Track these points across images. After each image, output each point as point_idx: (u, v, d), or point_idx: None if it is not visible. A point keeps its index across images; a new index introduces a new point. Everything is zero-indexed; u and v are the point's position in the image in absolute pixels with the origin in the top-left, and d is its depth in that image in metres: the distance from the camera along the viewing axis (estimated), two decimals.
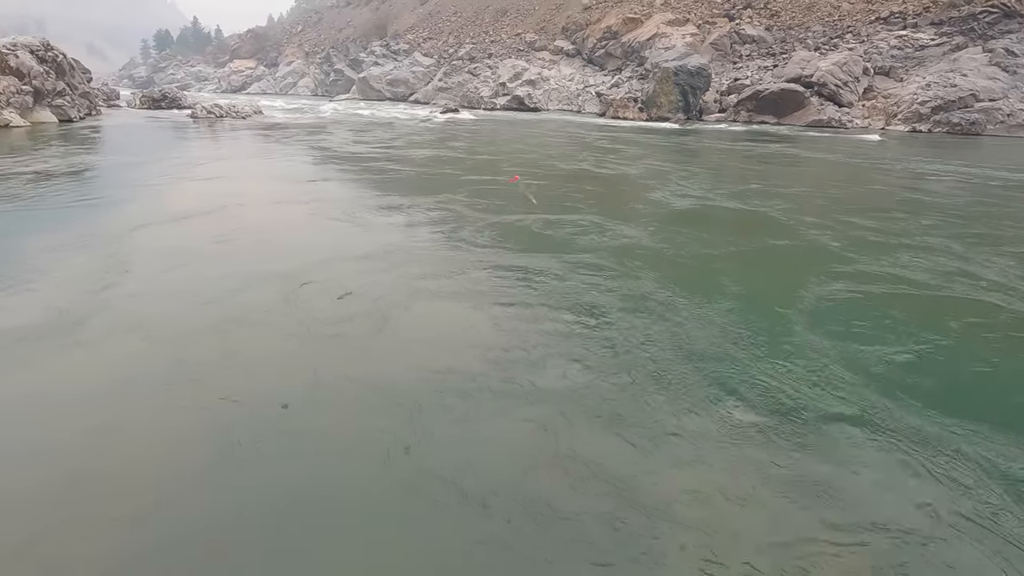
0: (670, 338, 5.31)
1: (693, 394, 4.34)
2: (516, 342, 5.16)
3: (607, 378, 4.55)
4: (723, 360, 4.85)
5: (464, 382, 4.44)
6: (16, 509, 3.07)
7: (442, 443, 3.71)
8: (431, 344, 5.15)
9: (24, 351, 4.70)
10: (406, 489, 3.28)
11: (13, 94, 22.82)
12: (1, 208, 9.51)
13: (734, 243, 8.77)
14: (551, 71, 54.14)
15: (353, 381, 4.43)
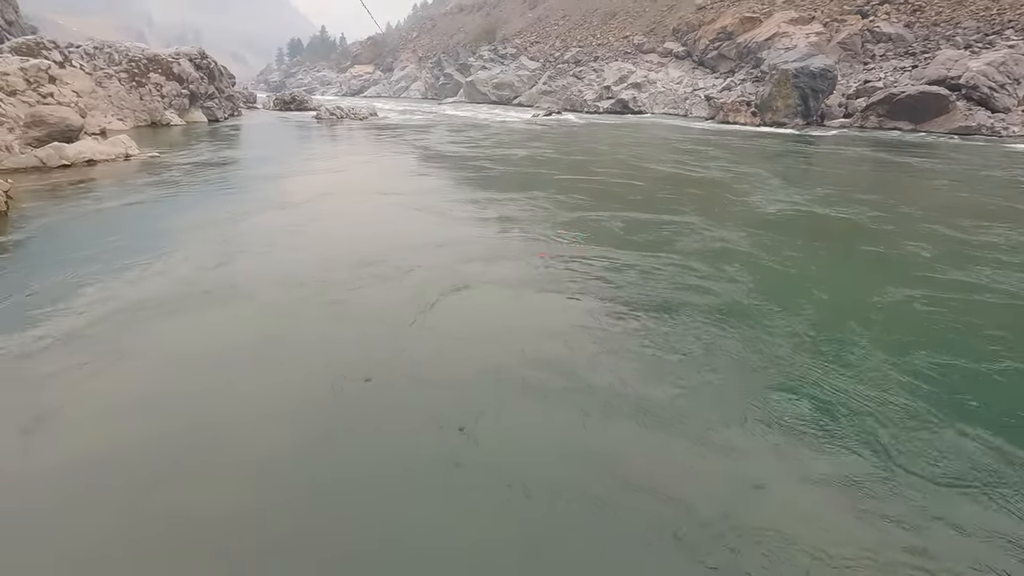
0: (743, 343, 5.15)
1: (751, 404, 4.17)
2: (585, 336, 5.24)
3: (670, 379, 4.51)
4: (793, 374, 4.58)
5: (527, 371, 4.58)
6: (141, 454, 3.57)
7: (497, 427, 3.87)
8: (501, 332, 5.37)
9: (162, 314, 5.50)
10: (456, 466, 3.47)
11: (174, 97, 26.13)
12: (161, 192, 11.17)
13: (839, 259, 8.09)
14: (658, 74, 52.70)
15: (426, 362, 4.74)
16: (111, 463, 3.47)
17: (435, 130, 28.02)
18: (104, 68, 24.37)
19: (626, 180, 14.28)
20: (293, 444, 3.70)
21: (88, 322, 5.31)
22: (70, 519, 3.04)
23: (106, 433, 3.77)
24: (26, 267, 6.77)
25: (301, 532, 2.98)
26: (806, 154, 22.57)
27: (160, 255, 7.27)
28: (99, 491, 3.24)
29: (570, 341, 5.17)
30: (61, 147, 13.48)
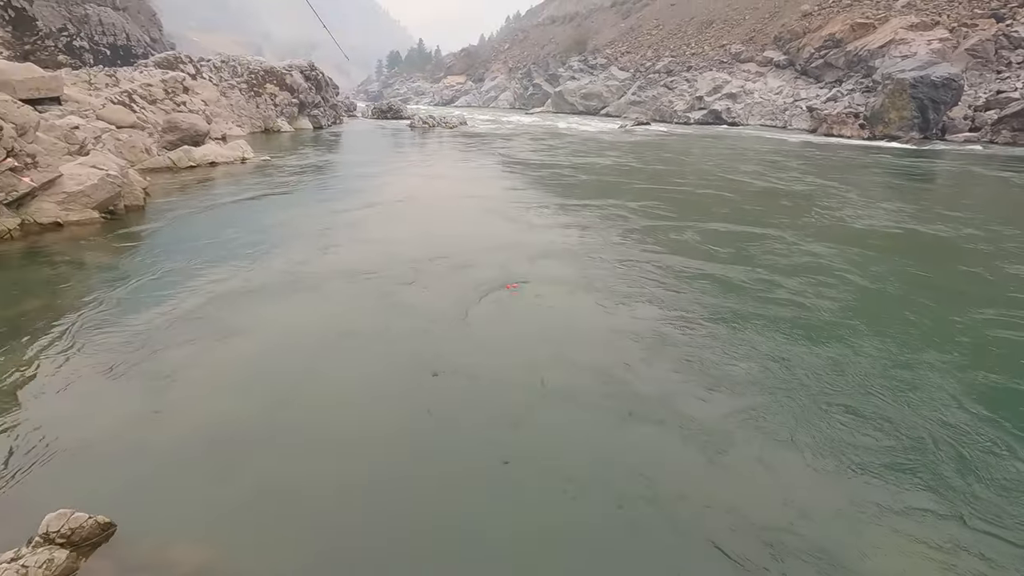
0: (815, 361, 4.91)
1: (809, 424, 3.97)
2: (649, 343, 5.22)
3: (732, 391, 4.39)
4: (862, 398, 4.19)
5: (583, 377, 4.60)
6: (239, 426, 3.92)
7: (549, 429, 3.93)
8: (565, 335, 5.47)
9: (263, 299, 6.06)
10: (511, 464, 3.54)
11: (285, 106, 28.42)
12: (270, 191, 12.24)
13: (937, 283, 7.32)
14: (756, 84, 50.39)
15: (489, 359, 4.95)
16: (216, 431, 3.87)
17: (520, 139, 28.49)
18: (228, 80, 27.01)
19: (712, 191, 13.82)
20: (370, 429, 3.98)
21: (201, 303, 5.96)
22: (185, 481, 3.42)
23: (213, 404, 4.21)
24: (154, 254, 7.68)
25: (374, 511, 3.18)
26: (920, 170, 20.66)
27: (265, 246, 8.08)
28: (209, 456, 3.62)
29: (632, 347, 5.17)
30: (190, 150, 15.09)
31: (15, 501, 3.18)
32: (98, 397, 4.27)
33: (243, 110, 26.24)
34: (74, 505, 2.88)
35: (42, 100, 13.01)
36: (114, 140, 13.44)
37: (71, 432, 3.81)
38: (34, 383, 4.40)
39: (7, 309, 5.71)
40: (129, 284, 6.47)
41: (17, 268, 7.05)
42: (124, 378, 4.51)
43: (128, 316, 5.59)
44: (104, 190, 8.92)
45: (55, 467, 3.48)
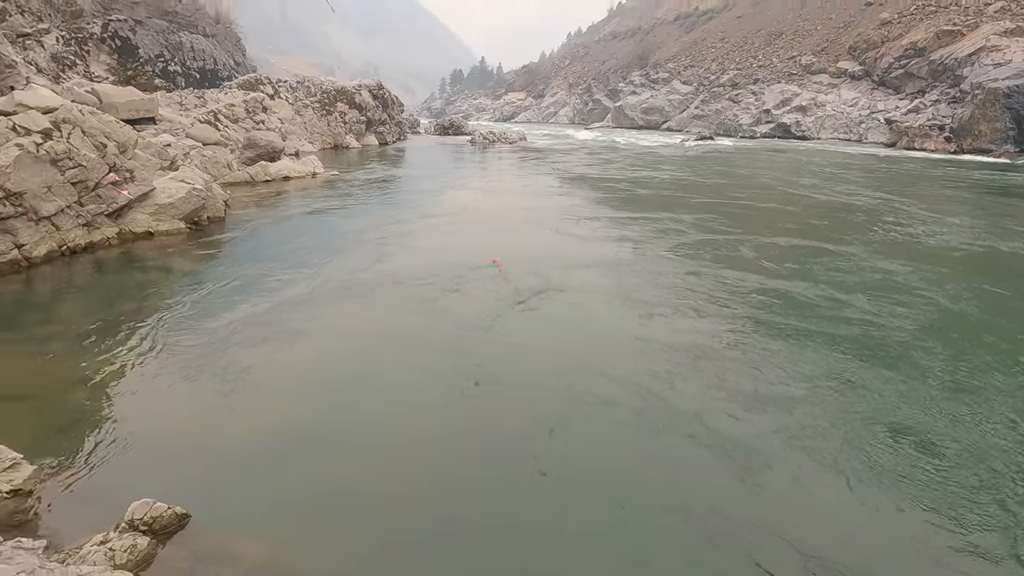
0: (872, 382, 4.62)
1: (855, 447, 3.72)
2: (698, 356, 5.08)
3: (783, 408, 4.10)
4: (919, 422, 3.77)
5: (626, 389, 4.49)
6: (300, 425, 4.07)
7: (588, 441, 3.83)
8: (606, 344, 5.44)
9: (327, 304, 6.32)
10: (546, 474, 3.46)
11: (354, 123, 29.76)
12: (338, 204, 12.82)
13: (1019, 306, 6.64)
14: (828, 95, 48.23)
15: (532, 368, 4.96)
16: (279, 429, 4.07)
17: (578, 153, 28.50)
18: (303, 99, 28.62)
19: (776, 205, 13.32)
20: (415, 433, 4.12)
21: (269, 307, 6.33)
22: (251, 477, 3.60)
23: (277, 404, 4.44)
24: (231, 261, 8.21)
25: (421, 512, 3.23)
26: (1015, 185, 19.03)
27: (331, 255, 8.55)
28: (272, 454, 3.80)
29: (671, 360, 5.10)
30: (266, 165, 16.06)
31: (103, 488, 3.45)
32: (177, 393, 4.58)
33: (315, 127, 27.68)
34: (154, 495, 3.09)
35: (140, 120, 14.25)
36: (200, 156, 14.50)
37: (153, 426, 4.11)
38: (123, 379, 4.77)
39: (104, 310, 6.24)
40: (208, 289, 6.93)
41: (114, 272, 7.71)
42: (200, 376, 4.82)
43: (206, 318, 5.99)
44: (190, 202, 9.63)
45: (138, 458, 3.75)
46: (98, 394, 4.53)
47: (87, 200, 8.29)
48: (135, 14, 29.32)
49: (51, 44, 21.44)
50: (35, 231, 7.55)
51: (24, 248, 7.39)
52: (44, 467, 3.53)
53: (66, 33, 23.56)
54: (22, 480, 3.23)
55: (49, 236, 7.70)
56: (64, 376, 4.80)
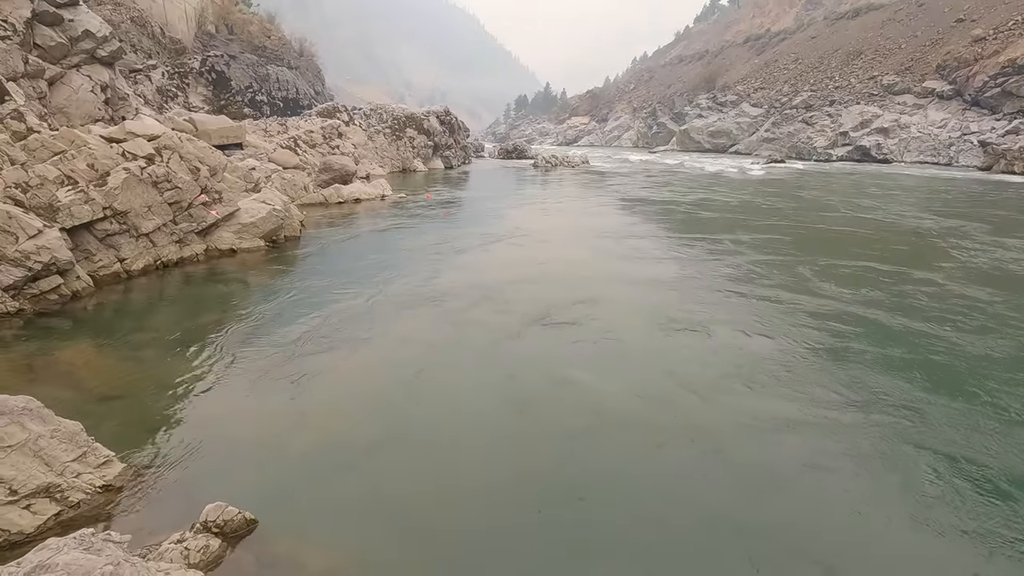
0: (937, 415, 4.15)
1: (901, 482, 3.15)
2: (752, 379, 4.65)
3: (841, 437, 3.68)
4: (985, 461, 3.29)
5: (651, 404, 4.24)
6: (364, 433, 4.16)
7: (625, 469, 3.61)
8: (647, 360, 5.30)
9: (388, 316, 6.47)
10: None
11: (422, 148, 30.88)
12: (404, 223, 13.27)
13: None
14: (913, 117, 45.43)
15: (580, 381, 4.93)
16: (343, 437, 4.21)
17: (641, 177, 28.20)
18: (375, 125, 30.07)
19: (851, 229, 12.56)
20: (474, 441, 4.17)
21: (336, 318, 6.65)
22: (317, 484, 3.72)
23: (341, 412, 4.60)
24: (304, 277, 8.67)
25: (475, 523, 3.21)
26: None
27: (393, 270, 9.02)
28: (336, 462, 3.92)
29: (711, 377, 4.90)
30: (339, 188, 16.91)
31: (182, 488, 3.66)
32: (249, 400, 4.84)
33: (385, 152, 28.95)
34: (227, 498, 3.25)
35: (229, 145, 15.43)
36: (280, 179, 15.48)
37: (228, 431, 4.35)
38: (203, 385, 5.10)
39: (190, 320, 6.72)
40: (281, 302, 7.35)
41: (200, 285, 8.30)
42: (271, 384, 5.08)
43: (278, 329, 6.34)
44: (270, 222, 10.26)
45: (213, 461, 3.97)
46: (181, 399, 4.86)
47: (180, 219, 9.01)
48: (230, 50, 32.01)
49: (157, 78, 23.74)
50: (135, 246, 8.28)
51: (125, 262, 8.11)
52: (131, 465, 3.80)
53: (170, 68, 26.04)
54: (113, 477, 3.50)
55: (147, 251, 8.42)
56: (153, 380, 5.19)
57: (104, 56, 10.77)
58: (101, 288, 7.64)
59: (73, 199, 7.48)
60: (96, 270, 7.70)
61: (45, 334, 6.21)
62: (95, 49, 10.57)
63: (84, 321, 6.68)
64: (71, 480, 3.24)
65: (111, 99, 10.88)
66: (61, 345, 5.95)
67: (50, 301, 6.79)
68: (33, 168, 7.40)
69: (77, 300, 7.14)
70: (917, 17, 58.16)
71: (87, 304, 7.14)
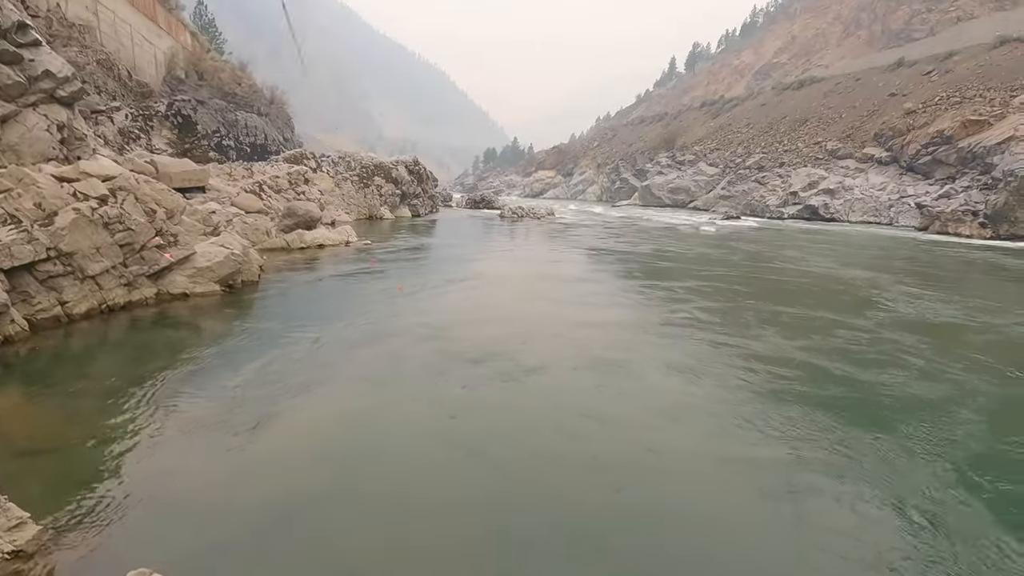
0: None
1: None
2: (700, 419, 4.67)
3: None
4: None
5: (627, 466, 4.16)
6: (327, 476, 3.95)
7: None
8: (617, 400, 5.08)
9: (347, 354, 6.26)
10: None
11: (389, 196, 31.08)
12: (366, 269, 13.09)
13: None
14: (855, 180, 48.62)
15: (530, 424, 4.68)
16: (286, 499, 3.97)
17: (604, 229, 28.97)
18: (343, 172, 30.21)
19: (797, 280, 13.07)
20: (425, 497, 3.88)
21: (287, 365, 6.35)
22: (253, 552, 3.48)
23: (284, 471, 4.34)
24: (258, 323, 8.38)
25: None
26: None
27: (347, 315, 8.93)
28: (277, 527, 3.68)
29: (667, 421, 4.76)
30: (302, 233, 16.74)
31: (104, 552, 3.37)
32: (187, 453, 4.56)
33: (352, 199, 28.99)
34: (153, 563, 2.99)
35: (191, 188, 15.18)
36: (242, 223, 15.24)
37: (162, 488, 4.06)
38: (140, 437, 4.79)
39: (131, 367, 6.38)
40: (231, 348, 7.07)
41: (148, 331, 7.93)
42: (212, 435, 4.82)
43: (225, 376, 6.07)
44: (227, 266, 10.01)
45: (142, 522, 3.68)
46: (114, 452, 4.54)
47: (131, 261, 8.70)
48: (199, 95, 32.01)
49: (120, 120, 23.42)
50: (79, 289, 7.91)
51: (67, 305, 7.71)
52: (49, 527, 3.48)
53: (135, 110, 25.78)
54: (25, 541, 3.19)
55: (92, 294, 8.04)
56: (84, 432, 4.84)
57: (64, 96, 10.60)
58: (37, 332, 7.21)
59: (15, 238, 7.15)
60: (34, 313, 7.29)
61: None
62: (55, 89, 10.40)
63: (14, 367, 6.25)
64: None
65: (67, 139, 10.64)
66: None
67: None
68: None
69: (9, 345, 6.70)
70: (855, 90, 63.21)
71: (20, 349, 6.71)
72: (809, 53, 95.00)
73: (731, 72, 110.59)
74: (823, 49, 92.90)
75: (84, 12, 24.00)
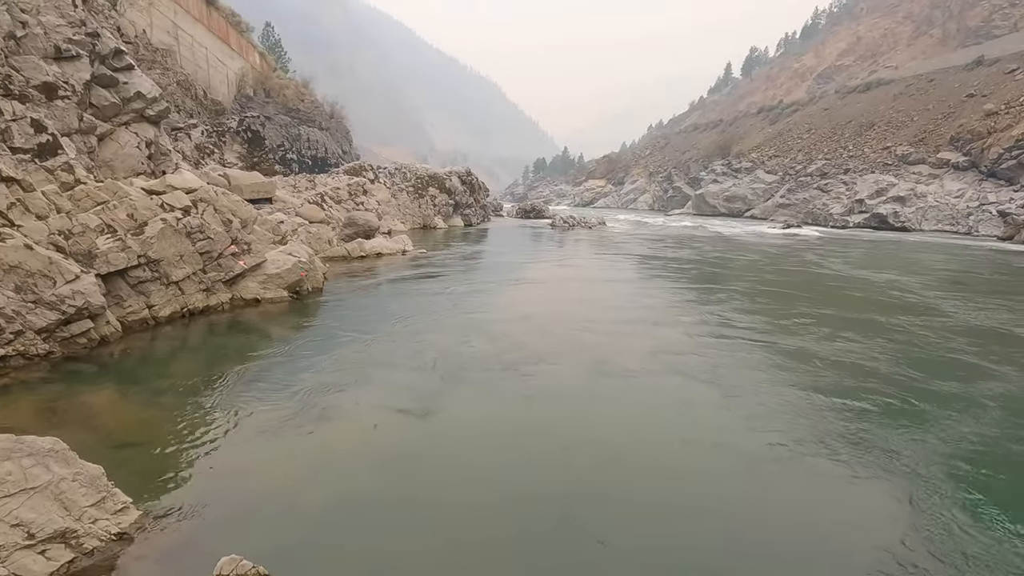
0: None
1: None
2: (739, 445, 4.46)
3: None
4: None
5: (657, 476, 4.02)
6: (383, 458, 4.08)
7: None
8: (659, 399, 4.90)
9: (401, 364, 6.44)
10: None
11: (443, 206, 31.74)
12: (423, 276, 13.44)
13: None
14: (929, 186, 45.78)
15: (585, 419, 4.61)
16: (353, 493, 4.13)
17: (656, 238, 28.48)
18: (399, 184, 31.12)
19: (879, 298, 12.39)
20: (489, 495, 3.94)
21: (353, 370, 6.60)
22: (328, 542, 3.64)
23: (352, 469, 4.52)
24: (325, 327, 8.78)
25: None
26: None
27: (406, 317, 9.40)
28: (351, 519, 3.84)
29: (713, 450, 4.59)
30: (362, 242, 17.34)
31: (193, 541, 3.60)
32: (261, 452, 4.82)
33: (407, 209, 29.79)
34: (238, 553, 3.18)
35: (260, 200, 16.04)
36: (306, 232, 15.95)
37: (242, 482, 4.30)
38: (214, 435, 5.09)
39: (210, 369, 6.80)
40: (300, 353, 7.41)
41: (223, 335, 8.43)
42: (283, 437, 5.07)
43: (295, 380, 6.36)
44: (294, 273, 10.51)
45: (227, 513, 3.91)
46: (196, 448, 4.85)
47: (210, 268, 9.28)
48: (266, 111, 33.85)
49: (197, 136, 25.06)
50: (164, 294, 8.50)
51: (154, 308, 8.31)
52: (146, 513, 3.76)
53: (209, 127, 27.54)
54: (128, 524, 3.46)
55: (175, 299, 8.63)
56: (170, 428, 5.20)
57: (152, 115, 11.48)
58: (128, 334, 7.80)
59: (111, 246, 7.78)
60: (125, 315, 7.90)
61: (71, 377, 6.31)
62: (144, 109, 11.29)
63: (109, 366, 6.79)
64: (87, 526, 3.22)
65: (154, 154, 11.51)
66: (85, 389, 6.03)
67: (79, 345, 6.93)
68: (77, 217, 7.76)
69: (105, 345, 7.28)
70: (928, 92, 59.74)
71: (114, 350, 7.28)
72: (876, 54, 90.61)
73: (791, 76, 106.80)
74: (891, 50, 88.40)
75: (166, 37, 25.93)
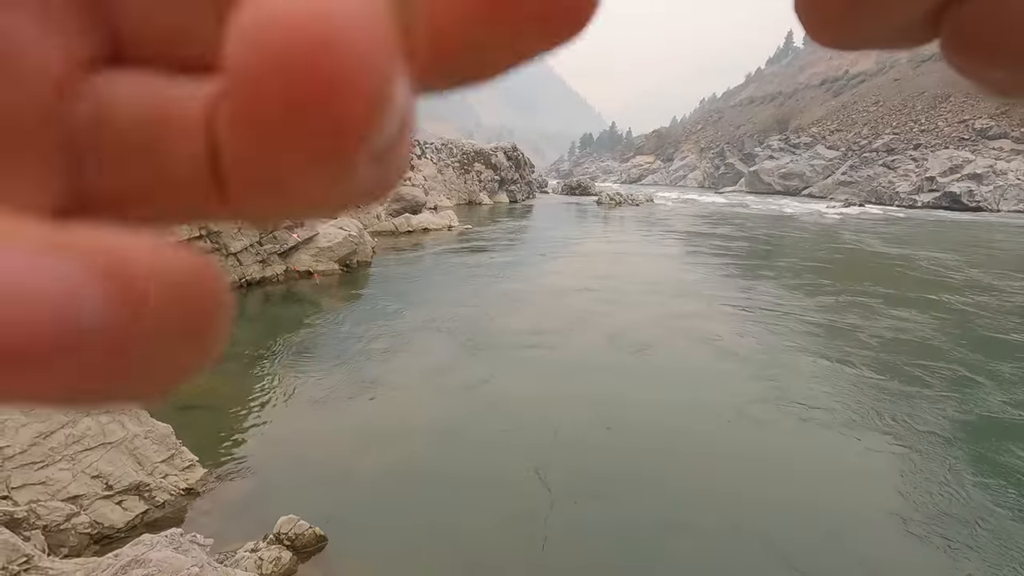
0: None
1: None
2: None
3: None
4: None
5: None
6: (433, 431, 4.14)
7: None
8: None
9: (444, 325, 6.49)
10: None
11: (488, 182, 31.69)
12: (468, 249, 13.56)
13: None
14: (1011, 163, 42.36)
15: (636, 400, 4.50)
16: (405, 463, 4.21)
17: (706, 216, 27.57)
18: (445, 159, 31.22)
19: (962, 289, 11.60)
20: (533, 464, 3.95)
21: (404, 341, 6.75)
22: (379, 506, 3.73)
23: (403, 436, 4.61)
24: (375, 299, 8.98)
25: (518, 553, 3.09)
26: None
27: (449, 288, 9.85)
28: (399, 485, 3.93)
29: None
30: (409, 217, 17.54)
31: (253, 500, 3.76)
32: (317, 419, 5.00)
33: (453, 185, 29.89)
34: (297, 513, 3.30)
35: None
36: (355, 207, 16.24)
37: (296, 448, 4.47)
38: (272, 400, 5.30)
39: (267, 337, 7.05)
40: (352, 324, 7.61)
41: (278, 305, 8.74)
42: (337, 405, 5.24)
43: (348, 350, 6.56)
44: (345, 247, 10.73)
45: (285, 475, 4.07)
46: (255, 413, 5.06)
47: (265, 240, 9.59)
48: None
49: None
50: (224, 265, 8.84)
51: None
52: (211, 471, 3.95)
53: None
54: (195, 481, 3.65)
55: (233, 269, 8.97)
56: (231, 393, 5.43)
57: None
58: None
59: None
60: None
61: None
62: None
63: None
64: (159, 480, 3.40)
65: None
66: None
67: None
68: None
69: None
70: None
71: None
72: None
73: None
74: None
75: None
